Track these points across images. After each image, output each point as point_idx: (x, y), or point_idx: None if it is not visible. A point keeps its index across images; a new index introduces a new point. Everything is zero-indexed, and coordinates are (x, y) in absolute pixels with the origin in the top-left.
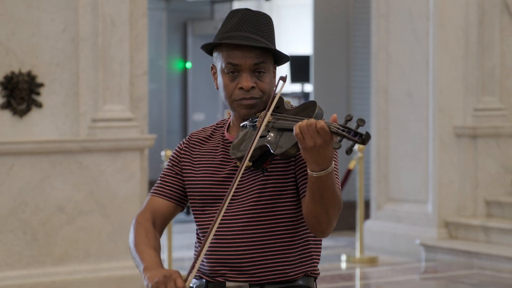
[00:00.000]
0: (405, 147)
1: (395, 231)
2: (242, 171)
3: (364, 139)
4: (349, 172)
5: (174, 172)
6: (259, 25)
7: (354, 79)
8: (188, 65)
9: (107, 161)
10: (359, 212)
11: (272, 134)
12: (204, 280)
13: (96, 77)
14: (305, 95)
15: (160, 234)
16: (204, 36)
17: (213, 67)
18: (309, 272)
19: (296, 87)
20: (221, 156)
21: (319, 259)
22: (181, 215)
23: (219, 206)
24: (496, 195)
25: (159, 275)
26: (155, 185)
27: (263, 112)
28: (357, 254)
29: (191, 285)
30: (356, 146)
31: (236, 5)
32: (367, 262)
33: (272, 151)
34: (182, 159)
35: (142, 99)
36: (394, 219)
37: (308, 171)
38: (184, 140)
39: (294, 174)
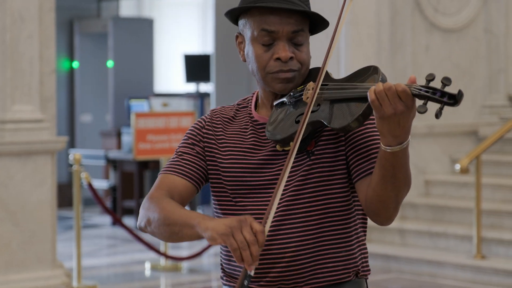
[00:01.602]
0: None
1: None
2: (293, 156)
3: (457, 98)
4: None
5: (194, 151)
6: None
7: None
8: (75, 64)
9: (16, 165)
10: None
11: (323, 107)
12: None
13: (4, 75)
14: (201, 95)
15: None
16: (91, 35)
17: (239, 36)
18: (360, 272)
19: (191, 87)
20: (252, 139)
21: (367, 256)
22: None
23: (255, 196)
24: (409, 196)
25: (229, 221)
26: (170, 163)
27: (310, 83)
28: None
29: None
30: None
31: (123, 4)
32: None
33: (329, 126)
34: (205, 138)
35: (50, 99)
36: None
37: (382, 146)
38: (205, 117)
39: (345, 156)
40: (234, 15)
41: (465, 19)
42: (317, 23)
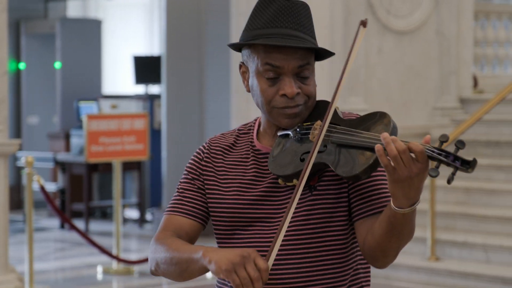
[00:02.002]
0: None
1: None
2: (299, 194)
3: (471, 165)
4: None
5: (195, 187)
6: (300, 17)
7: (208, 80)
8: (22, 66)
9: None
10: None
11: (330, 149)
12: None
13: None
14: (151, 97)
15: None
16: (38, 36)
17: (242, 66)
18: None
19: (140, 89)
20: (253, 170)
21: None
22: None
23: (253, 230)
24: None
25: (233, 255)
26: (173, 202)
27: (318, 122)
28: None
29: None
30: None
31: (70, 5)
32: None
33: (335, 171)
34: (204, 172)
35: (2, 101)
36: None
37: (393, 207)
38: (203, 148)
39: (347, 194)
40: (237, 46)
41: (417, 21)
42: (323, 54)
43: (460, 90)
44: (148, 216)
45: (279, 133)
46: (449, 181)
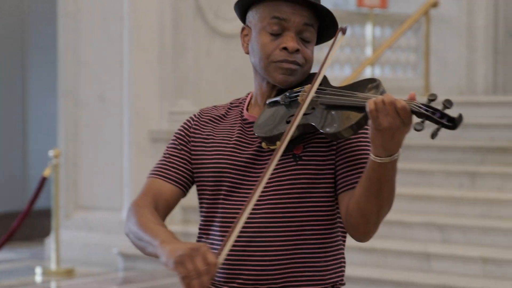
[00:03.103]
0: (98, 153)
1: (88, 241)
2: (279, 156)
3: (456, 122)
4: (44, 180)
5: (181, 153)
6: None
7: (31, 81)
8: None
9: None
10: (55, 221)
11: (317, 111)
12: None
13: None
14: None
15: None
16: None
17: (245, 29)
18: (338, 283)
19: None
20: (237, 137)
21: (344, 269)
22: None
23: (236, 196)
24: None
25: (183, 248)
26: (157, 166)
27: (307, 86)
28: (53, 266)
29: None
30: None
31: None
32: (64, 274)
33: (320, 130)
34: (192, 138)
35: None
36: (85, 228)
37: (372, 155)
38: (193, 116)
39: (334, 166)
40: (244, 7)
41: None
42: (325, 29)
43: None
44: None
45: (268, 101)
46: (432, 136)
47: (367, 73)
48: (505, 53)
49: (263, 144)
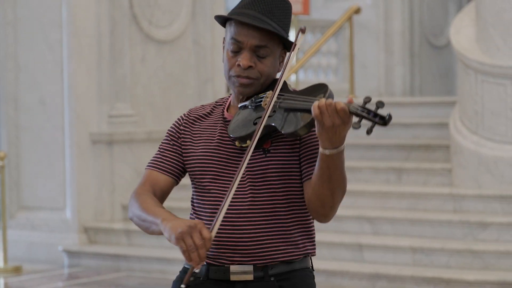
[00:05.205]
0: (39, 155)
1: (32, 239)
2: (251, 153)
3: (386, 120)
4: None
5: (173, 148)
6: (272, 8)
7: None
8: None
9: None
10: (2, 221)
11: (278, 114)
12: (205, 263)
13: None
14: None
15: None
16: None
17: (224, 40)
18: (310, 253)
19: None
20: (219, 134)
21: (314, 238)
22: None
23: (222, 185)
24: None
25: (182, 225)
26: (153, 159)
27: (269, 92)
28: (1, 264)
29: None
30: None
31: None
32: (11, 271)
33: (280, 131)
34: (182, 135)
35: None
36: (28, 227)
37: (320, 148)
38: (183, 115)
39: (299, 156)
40: (222, 21)
41: (176, 31)
42: (287, 42)
43: (216, 96)
44: None
45: (239, 105)
46: (368, 132)
47: (292, 78)
48: (420, 56)
49: (236, 143)
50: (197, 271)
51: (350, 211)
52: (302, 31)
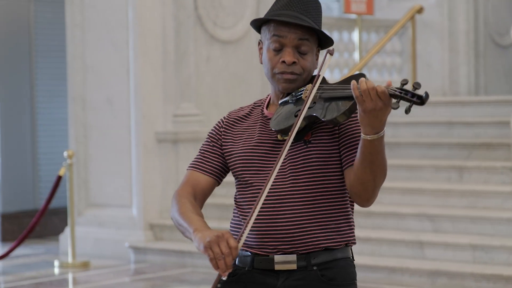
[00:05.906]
0: (106, 153)
1: (99, 236)
2: (291, 140)
3: (423, 99)
4: (59, 179)
5: (213, 149)
6: (308, 7)
7: (38, 88)
8: None
9: None
10: (71, 218)
11: (318, 104)
12: (249, 253)
13: None
14: None
15: (201, 208)
16: None
17: (260, 43)
18: (350, 242)
19: None
20: (259, 131)
21: (354, 229)
22: None
23: (263, 178)
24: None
25: (210, 235)
26: (195, 160)
27: (309, 86)
28: (70, 260)
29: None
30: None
31: None
32: (80, 267)
33: (321, 119)
34: (223, 137)
35: None
36: (96, 224)
37: (362, 134)
38: (222, 118)
39: (338, 146)
40: (257, 25)
41: (240, 31)
42: (323, 39)
43: None
44: None
45: (280, 101)
46: (406, 111)
47: None
48: (485, 56)
49: (279, 136)
50: (224, 278)
51: (411, 208)
52: (330, 52)
